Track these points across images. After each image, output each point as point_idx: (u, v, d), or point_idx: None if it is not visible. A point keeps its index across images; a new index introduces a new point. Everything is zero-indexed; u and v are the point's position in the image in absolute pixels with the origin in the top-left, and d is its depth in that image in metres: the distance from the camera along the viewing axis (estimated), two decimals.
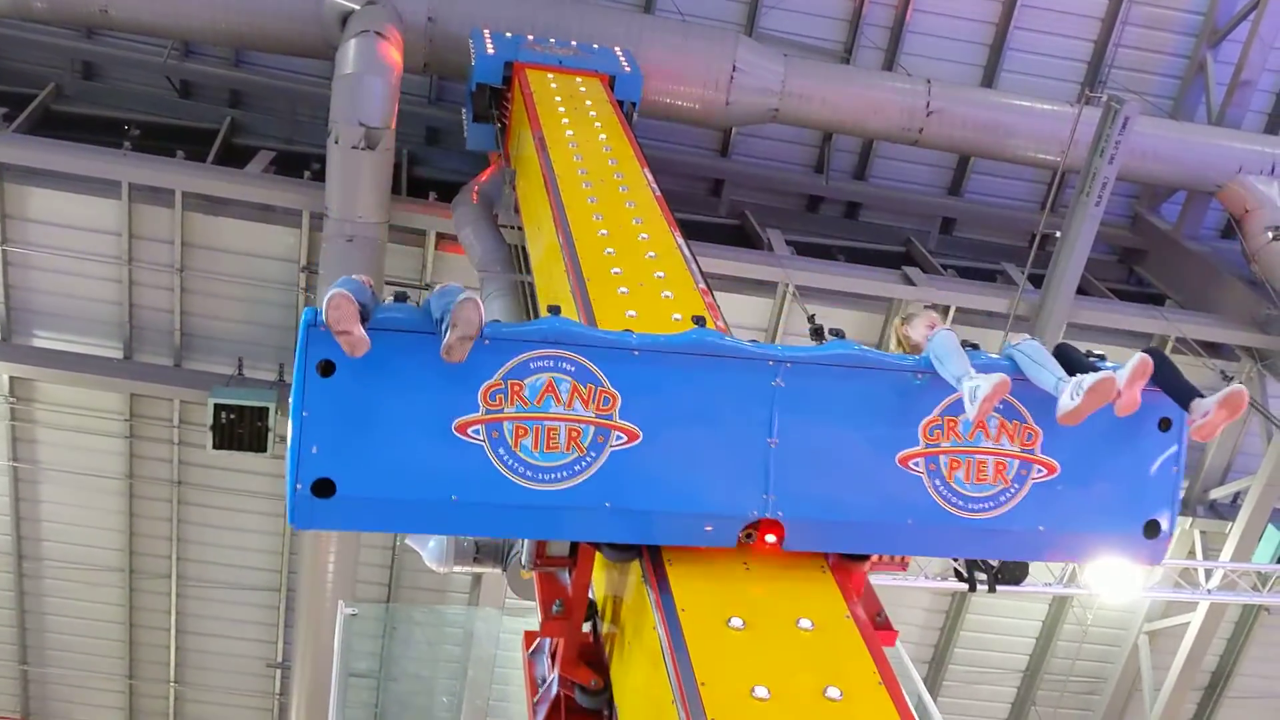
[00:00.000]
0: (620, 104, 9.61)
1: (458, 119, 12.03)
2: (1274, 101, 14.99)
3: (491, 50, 10.20)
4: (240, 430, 12.21)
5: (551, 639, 4.65)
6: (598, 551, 4.33)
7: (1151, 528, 4.44)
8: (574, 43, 10.75)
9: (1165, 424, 4.36)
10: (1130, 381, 4.09)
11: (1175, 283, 14.82)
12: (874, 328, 12.94)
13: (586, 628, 4.63)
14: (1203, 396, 4.26)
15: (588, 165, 7.31)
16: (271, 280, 12.71)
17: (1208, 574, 13.81)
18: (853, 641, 3.81)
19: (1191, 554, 14.53)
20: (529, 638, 4.96)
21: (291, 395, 3.88)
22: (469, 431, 3.90)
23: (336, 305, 3.75)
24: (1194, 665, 14.79)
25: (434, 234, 12.17)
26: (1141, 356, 4.13)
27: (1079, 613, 15.06)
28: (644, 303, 5.38)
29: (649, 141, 12.48)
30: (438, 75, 13.77)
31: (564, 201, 6.63)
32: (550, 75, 9.67)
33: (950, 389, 4.20)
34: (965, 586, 11.41)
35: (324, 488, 3.83)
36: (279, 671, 15.25)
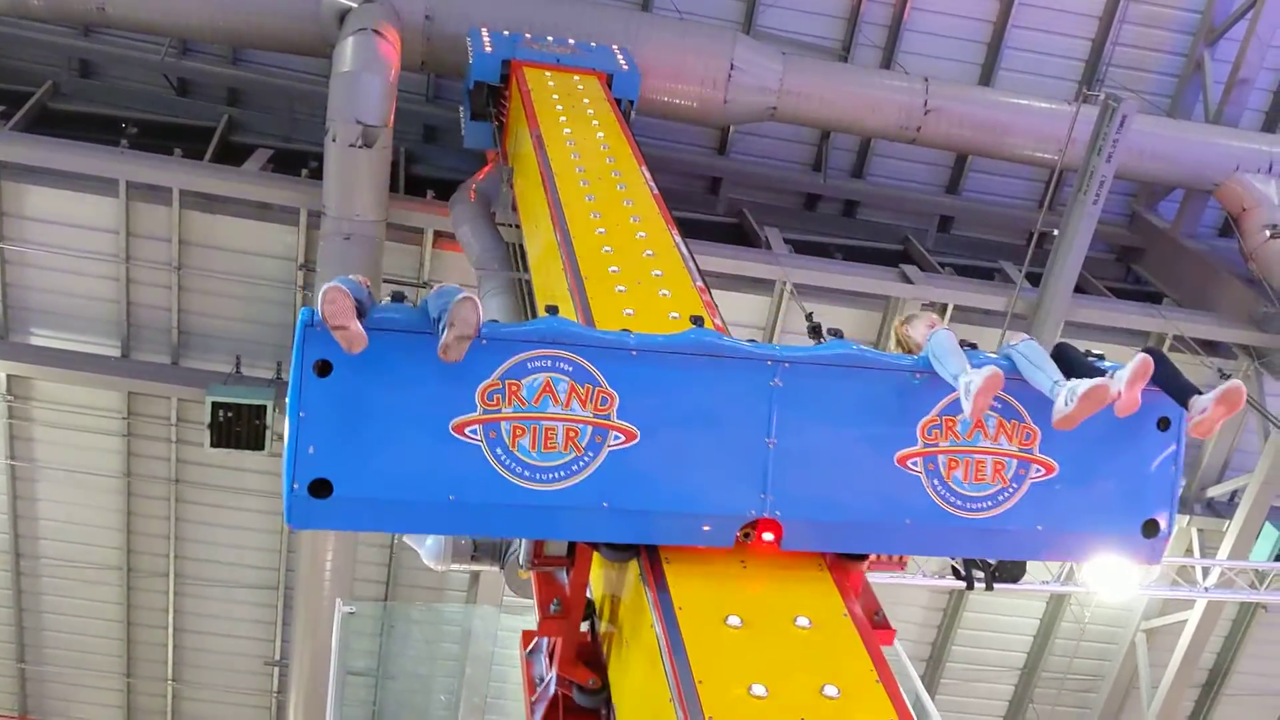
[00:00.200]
0: (618, 102, 9.61)
1: (455, 117, 12.02)
2: (1271, 100, 14.98)
3: (489, 48, 10.20)
4: (238, 429, 12.20)
5: (549, 638, 4.66)
6: (595, 551, 4.32)
7: (1150, 527, 4.45)
8: (571, 41, 10.75)
9: (1164, 423, 4.36)
10: (1131, 382, 4.07)
11: (1173, 281, 14.83)
12: (872, 326, 12.94)
13: (584, 627, 4.62)
14: (1201, 394, 4.24)
15: (585, 163, 7.30)
16: (269, 278, 12.70)
17: (1205, 572, 13.81)
18: (850, 640, 3.80)
19: (1189, 552, 14.54)
20: (526, 637, 4.96)
21: (288, 395, 3.87)
22: (466, 431, 3.89)
23: (332, 300, 3.71)
24: (1191, 663, 14.80)
25: (432, 232, 12.16)
26: (1142, 357, 4.11)
27: (1076, 611, 15.07)
28: (641, 301, 5.37)
29: (647, 140, 12.47)
30: (435, 73, 13.76)
31: (561, 200, 6.63)
32: (548, 73, 9.67)
33: (948, 389, 4.20)
34: (963, 585, 11.43)
35: (321, 488, 3.82)
36: (277, 669, 15.25)
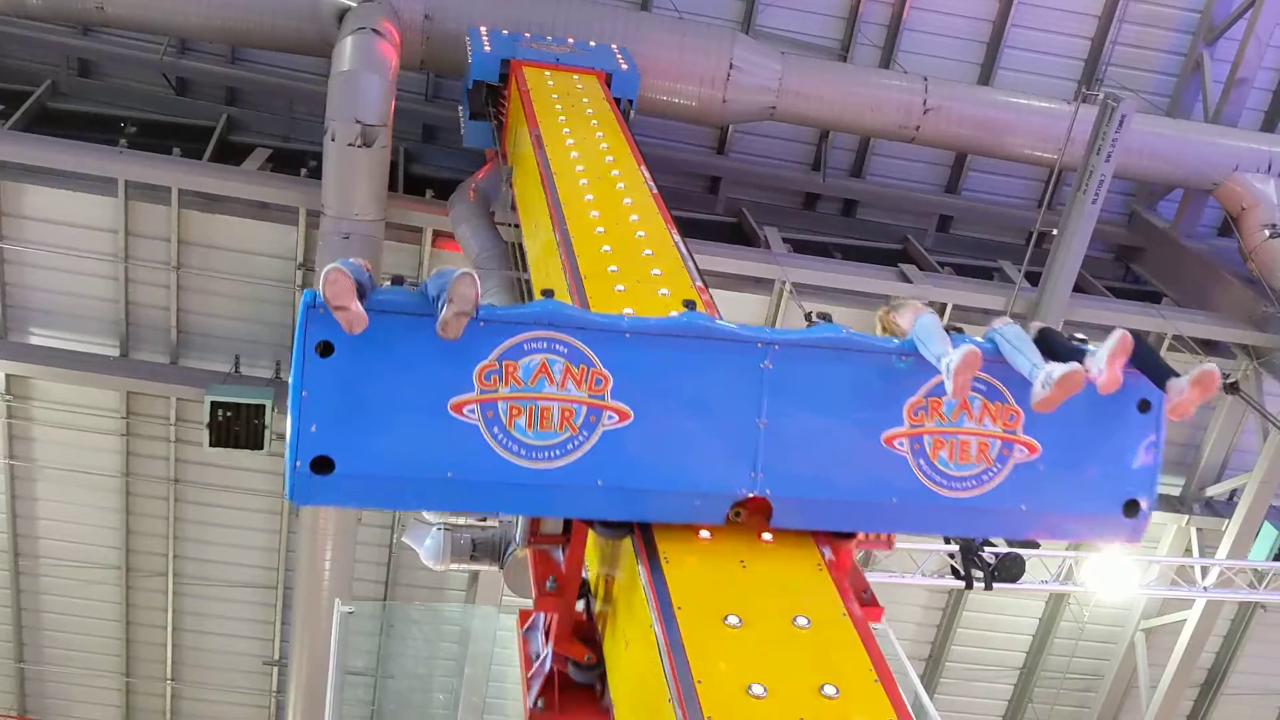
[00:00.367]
0: (617, 101, 9.60)
1: (455, 116, 12.02)
2: (1270, 99, 14.99)
3: (488, 48, 10.19)
4: (237, 428, 12.19)
5: (545, 617, 4.74)
6: (590, 529, 4.39)
7: (1131, 507, 4.51)
8: (571, 40, 10.75)
9: (1144, 406, 4.44)
10: (1111, 358, 4.16)
11: (1172, 280, 14.83)
12: (870, 325, 12.86)
13: (580, 606, 4.70)
14: (1178, 376, 4.33)
15: (585, 163, 7.30)
16: (268, 278, 12.69)
17: (1204, 571, 13.81)
18: (849, 639, 3.80)
19: (1188, 551, 14.54)
20: (523, 616, 5.06)
21: (291, 375, 3.93)
22: (464, 411, 3.96)
23: (333, 281, 3.77)
24: (1190, 662, 14.81)
25: (431, 231, 12.16)
26: (1122, 333, 4.19)
27: (1075, 610, 15.07)
28: (640, 299, 5.37)
29: (646, 139, 12.47)
30: (434, 73, 13.76)
31: (561, 199, 6.62)
32: (547, 73, 9.66)
33: (934, 371, 4.27)
34: (962, 584, 11.43)
35: (323, 465, 3.89)
36: (276, 669, 15.25)
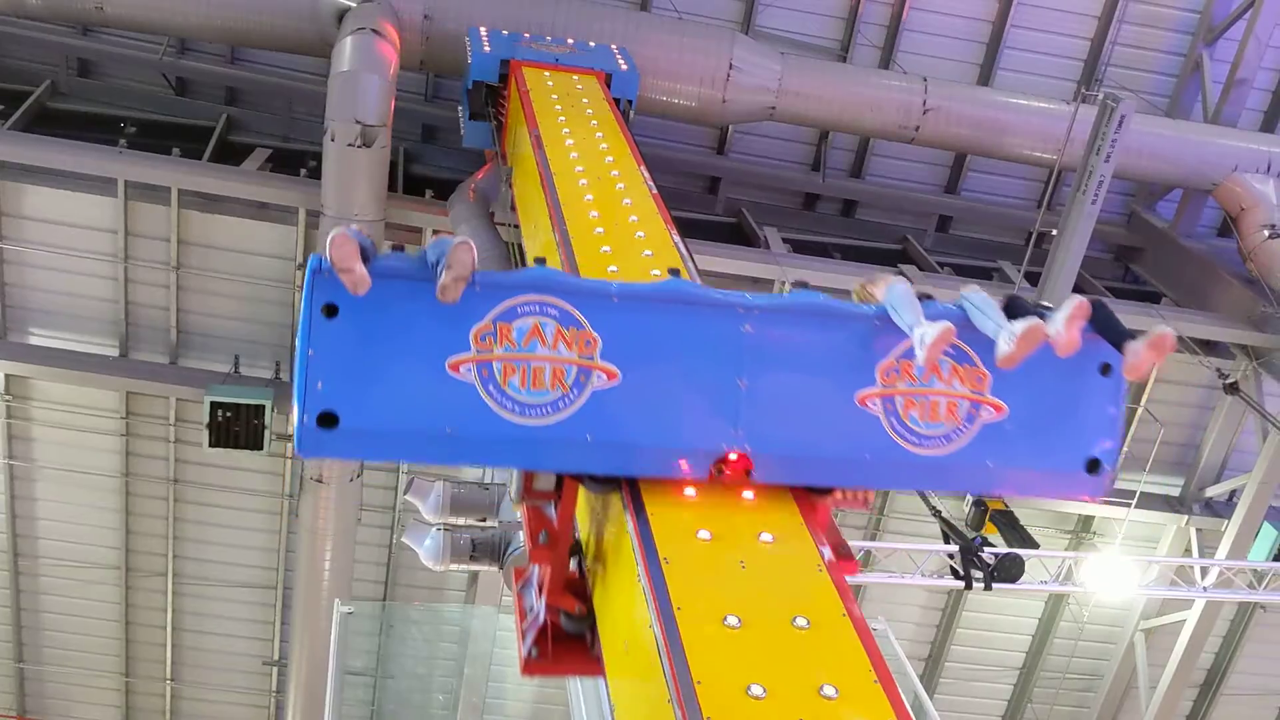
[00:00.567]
0: (617, 102, 9.59)
1: (454, 117, 12.02)
2: (1270, 100, 14.99)
3: (488, 48, 10.18)
4: (236, 428, 12.20)
5: (539, 572, 4.91)
6: (580, 485, 4.55)
7: (1094, 465, 4.71)
8: (570, 40, 10.74)
9: (1105, 369, 4.65)
10: (1069, 321, 4.34)
11: (1171, 281, 14.84)
12: None
13: (572, 565, 4.87)
14: (1135, 339, 4.50)
15: (584, 163, 7.29)
16: (267, 278, 12.70)
17: (1204, 572, 13.81)
18: (848, 639, 3.80)
19: (1187, 552, 14.55)
20: (518, 574, 5.25)
21: (299, 336, 4.13)
22: (461, 370, 4.17)
23: (339, 245, 3.96)
24: (1190, 663, 14.82)
25: (430, 231, 12.16)
26: (1079, 298, 4.40)
27: (1075, 610, 15.08)
28: None
29: (646, 139, 12.47)
30: (434, 73, 13.75)
31: (560, 199, 6.62)
32: (547, 73, 9.65)
33: (905, 336, 4.46)
34: (961, 584, 11.42)
35: (328, 420, 4.09)
36: (275, 669, 15.26)
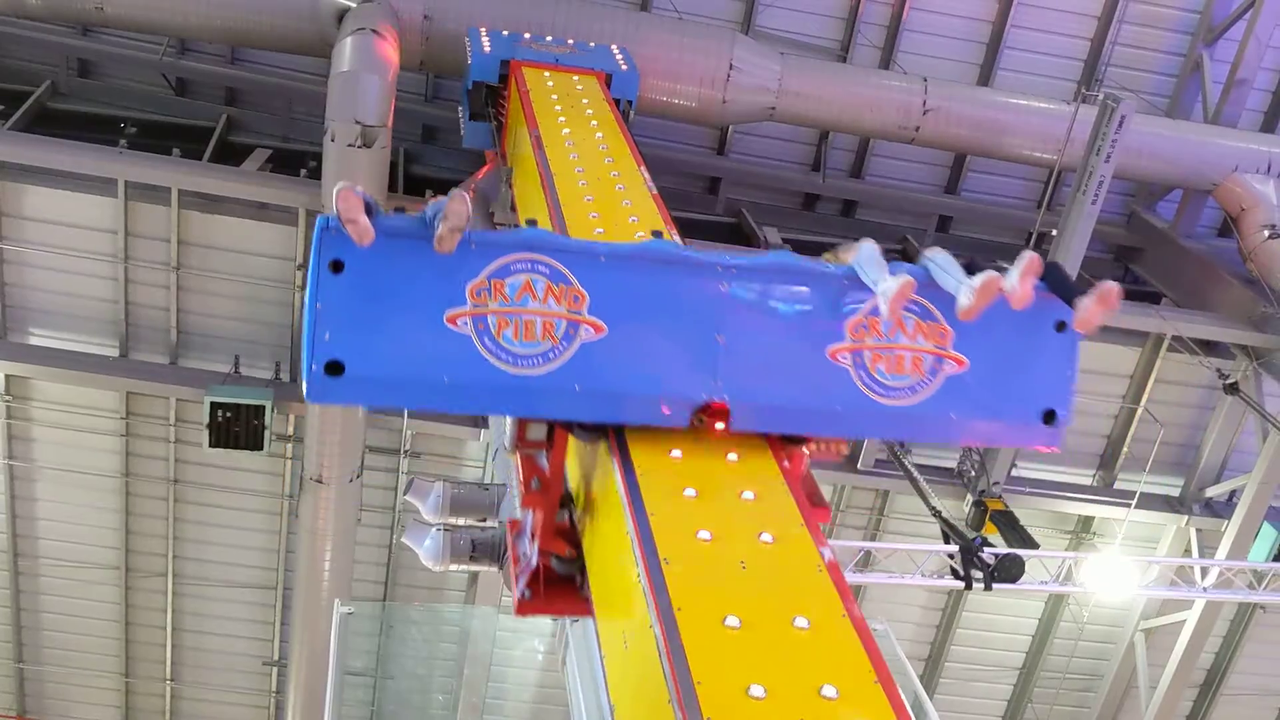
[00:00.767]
0: (617, 102, 9.57)
1: (454, 117, 12.02)
2: (1270, 100, 14.99)
3: (488, 48, 10.17)
4: (236, 429, 12.20)
5: (532, 518, 5.20)
6: (570, 434, 4.84)
7: (1049, 416, 4.97)
8: (570, 41, 10.73)
9: (1060, 326, 4.90)
10: (1023, 275, 4.60)
11: (1171, 281, 14.84)
12: None
13: (563, 516, 5.17)
14: (1085, 295, 4.75)
15: (584, 163, 7.29)
16: (267, 278, 12.70)
17: (1203, 572, 13.82)
18: (848, 640, 3.80)
19: (1187, 552, 14.55)
20: (513, 525, 5.55)
21: (307, 290, 4.40)
22: (458, 323, 4.45)
23: (345, 197, 4.22)
24: (1189, 663, 14.82)
25: None
26: (1030, 254, 4.66)
27: (1075, 610, 15.08)
28: None
29: (646, 139, 12.48)
30: (434, 73, 13.76)
31: (560, 200, 6.61)
32: (547, 73, 9.64)
33: (873, 294, 4.73)
34: (961, 584, 11.43)
35: (335, 368, 4.36)
36: (275, 670, 15.26)
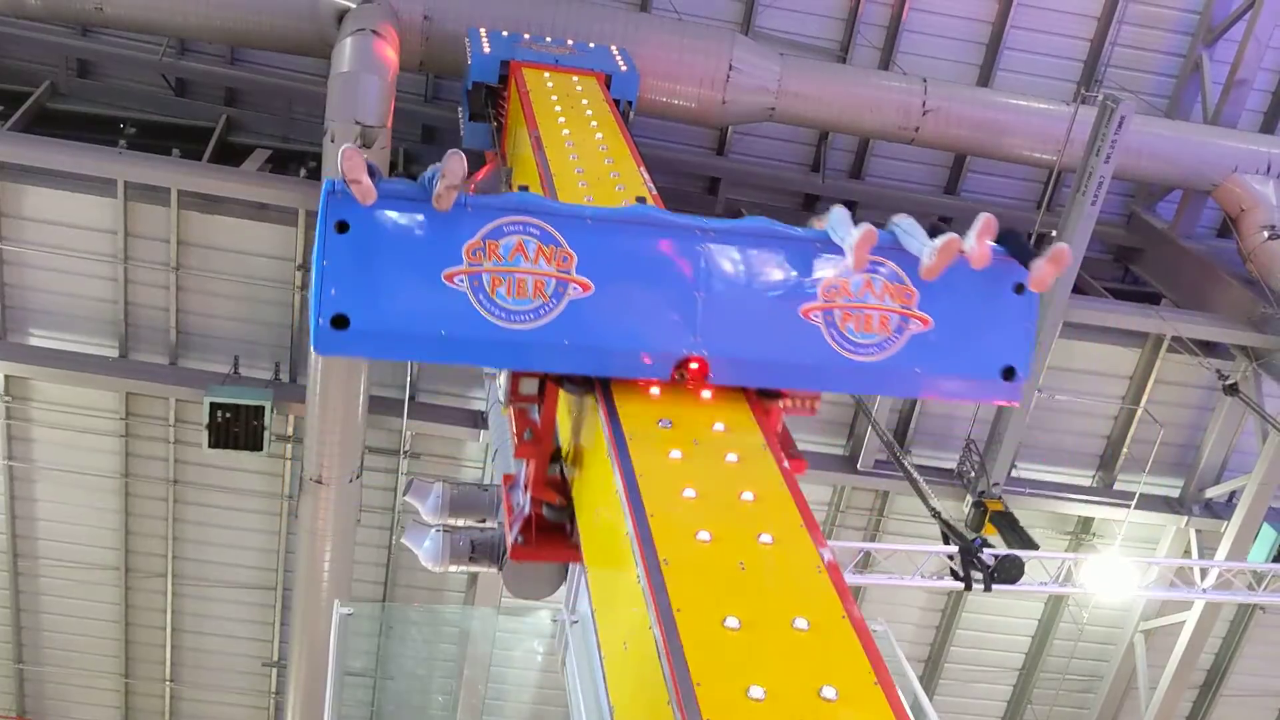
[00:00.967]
0: (617, 103, 9.57)
1: (454, 117, 12.01)
2: (1270, 100, 14.99)
3: (487, 49, 10.17)
4: (236, 429, 12.21)
5: (524, 469, 5.50)
6: (560, 388, 5.14)
7: (1009, 372, 5.28)
8: (570, 41, 10.73)
9: (1019, 288, 5.23)
10: (979, 235, 4.95)
11: (1171, 281, 14.84)
12: None
13: (554, 470, 5.49)
14: (1039, 257, 5.08)
15: (584, 164, 7.29)
16: (267, 279, 12.70)
17: (1203, 573, 13.81)
18: (848, 641, 3.80)
19: (1187, 553, 14.55)
20: (507, 479, 5.89)
21: (314, 250, 4.71)
22: (455, 280, 4.74)
23: (349, 158, 4.53)
24: (1189, 664, 14.82)
25: None
26: (986, 215, 4.98)
27: (1074, 611, 15.08)
28: None
29: (645, 140, 12.49)
30: (434, 74, 13.76)
31: (560, 200, 6.62)
32: (546, 74, 9.64)
33: (844, 256, 5.06)
34: (961, 585, 11.43)
35: (340, 322, 4.66)
36: (275, 670, 15.25)
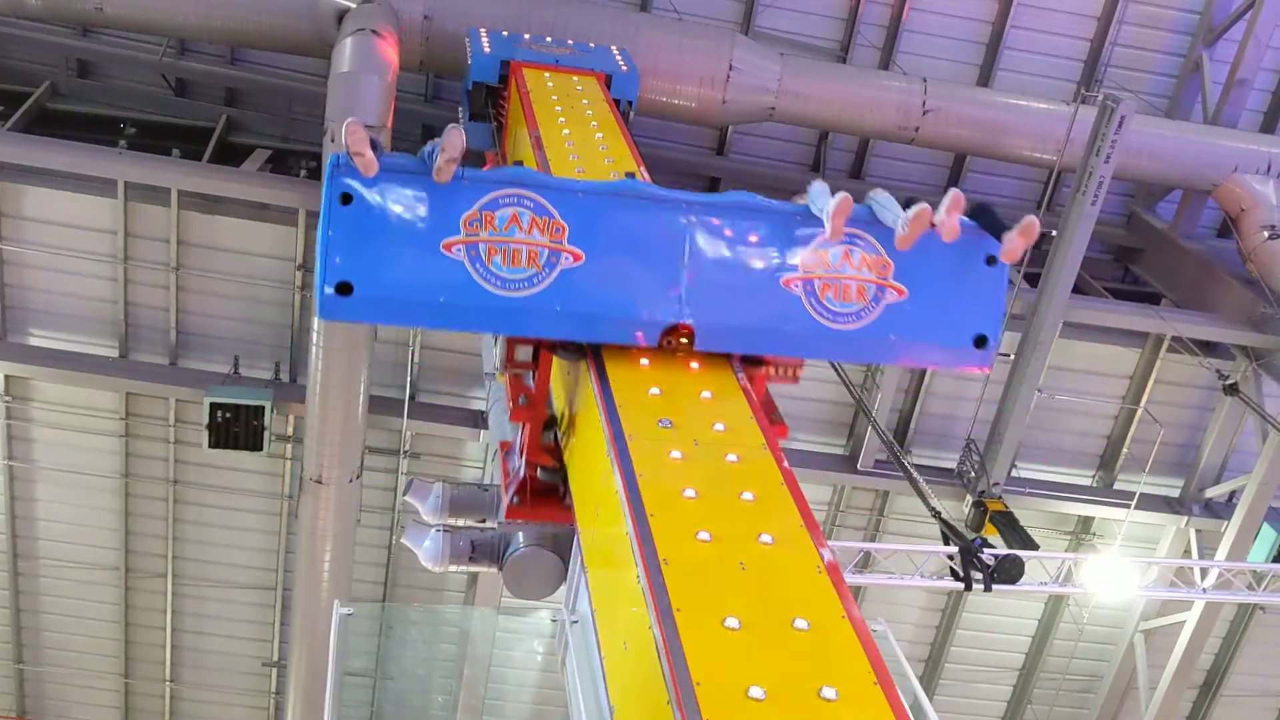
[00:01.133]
0: (617, 103, 9.57)
1: (454, 117, 12.01)
2: (1270, 100, 14.99)
3: (488, 49, 10.16)
4: (236, 429, 12.21)
5: (519, 433, 5.70)
6: (553, 355, 5.38)
7: (981, 340, 5.50)
8: (570, 41, 10.73)
9: (991, 260, 5.41)
10: (948, 209, 5.11)
11: (1171, 281, 14.84)
12: None
13: (548, 437, 5.69)
14: (1009, 230, 5.25)
15: (584, 164, 7.29)
16: (267, 279, 12.71)
17: (1203, 573, 13.81)
18: (848, 641, 3.80)
19: (1187, 553, 14.55)
20: (504, 446, 6.13)
21: (320, 222, 4.91)
22: (453, 250, 4.97)
23: (353, 131, 4.72)
24: (1189, 664, 14.82)
25: None
26: (955, 190, 5.14)
27: (1075, 611, 15.08)
28: None
29: (646, 140, 12.48)
30: (434, 73, 13.76)
31: None
32: (547, 74, 9.63)
33: (823, 229, 5.23)
34: (961, 585, 11.43)
35: (344, 289, 4.90)
36: (275, 670, 15.25)
